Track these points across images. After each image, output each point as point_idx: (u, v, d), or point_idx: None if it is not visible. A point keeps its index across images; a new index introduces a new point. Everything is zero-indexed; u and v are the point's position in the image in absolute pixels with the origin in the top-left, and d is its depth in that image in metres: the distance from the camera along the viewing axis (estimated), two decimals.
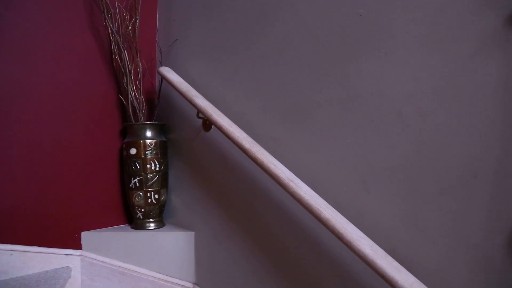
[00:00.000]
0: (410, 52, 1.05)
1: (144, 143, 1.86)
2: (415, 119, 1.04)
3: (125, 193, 1.97)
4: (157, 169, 1.88)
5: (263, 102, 1.47)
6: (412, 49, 1.05)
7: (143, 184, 1.87)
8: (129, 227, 1.97)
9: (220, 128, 1.48)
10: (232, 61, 1.64)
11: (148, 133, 1.90)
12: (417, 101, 1.04)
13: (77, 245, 1.80)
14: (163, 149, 1.93)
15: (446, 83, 0.99)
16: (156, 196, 1.89)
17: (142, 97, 1.90)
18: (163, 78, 1.84)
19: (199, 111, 1.61)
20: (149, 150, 1.86)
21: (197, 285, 1.80)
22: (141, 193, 1.87)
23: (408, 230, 1.06)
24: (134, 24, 1.89)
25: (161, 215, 1.97)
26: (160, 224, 1.96)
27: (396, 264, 0.96)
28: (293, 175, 1.24)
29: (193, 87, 1.71)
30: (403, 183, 1.07)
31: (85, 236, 1.83)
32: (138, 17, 1.88)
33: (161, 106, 2.05)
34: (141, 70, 1.88)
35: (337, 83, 1.22)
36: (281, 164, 1.28)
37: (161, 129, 1.97)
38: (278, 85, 1.42)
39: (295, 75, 1.35)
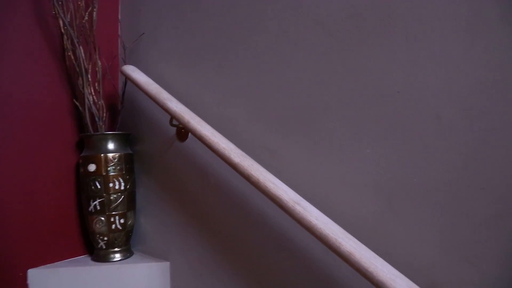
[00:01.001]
0: (448, 38, 0.82)
1: (106, 157, 1.55)
2: (458, 123, 0.81)
3: (84, 218, 1.64)
4: (122, 188, 1.57)
5: (254, 105, 1.20)
6: (451, 34, 0.81)
7: (105, 207, 1.55)
8: (89, 259, 1.64)
9: (201, 138, 1.20)
10: (213, 56, 1.36)
11: (110, 145, 1.58)
12: (461, 100, 0.81)
13: (22, 287, 1.45)
14: (129, 164, 1.62)
15: (499, 76, 0.76)
16: (122, 220, 1.58)
17: (102, 102, 1.59)
18: (127, 78, 1.54)
19: (173, 117, 1.32)
20: (111, 165, 1.55)
21: None
22: (103, 218, 1.55)
23: (453, 264, 0.82)
24: (91, 14, 1.57)
25: (128, 242, 1.65)
26: (128, 253, 1.64)
27: None
28: (298, 196, 0.98)
29: (166, 89, 1.42)
30: (443, 204, 0.83)
31: (33, 274, 1.48)
32: (96, 6, 1.57)
33: (126, 113, 1.74)
34: (100, 69, 1.57)
35: (350, 78, 0.98)
36: (282, 183, 1.02)
37: (126, 140, 1.66)
38: (273, 83, 1.15)
39: (294, 70, 1.09)
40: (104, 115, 1.61)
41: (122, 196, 1.57)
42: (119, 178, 1.56)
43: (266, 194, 1.01)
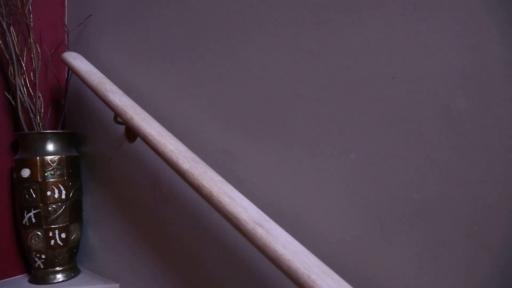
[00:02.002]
0: (461, 3, 0.60)
1: (42, 160, 1.29)
2: (475, 119, 0.59)
3: (19, 232, 1.38)
4: (64, 196, 1.32)
5: (212, 98, 0.97)
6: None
7: (42, 220, 1.30)
8: (26, 280, 1.39)
9: (144, 138, 0.96)
10: (166, 41, 1.12)
11: (50, 146, 1.33)
12: (479, 88, 0.59)
13: None
14: (73, 168, 1.37)
15: None
16: (63, 235, 1.33)
17: (40, 95, 1.33)
18: (68, 67, 1.29)
19: (115, 113, 1.07)
20: (50, 170, 1.30)
21: None
22: (39, 233, 1.31)
23: None
24: None
25: (72, 259, 1.41)
26: (72, 273, 1.40)
27: None
28: (262, 214, 0.75)
29: (115, 81, 1.18)
30: (456, 230, 0.61)
31: None
32: None
33: (74, 109, 1.48)
34: (35, 56, 1.31)
35: (330, 61, 0.75)
36: (242, 196, 0.79)
37: (70, 140, 1.41)
38: (233, 70, 0.92)
39: (259, 53, 0.86)
40: (43, 110, 1.35)
41: (63, 207, 1.32)
42: (59, 185, 1.31)
43: (220, 212, 0.78)
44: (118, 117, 1.07)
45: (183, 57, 1.06)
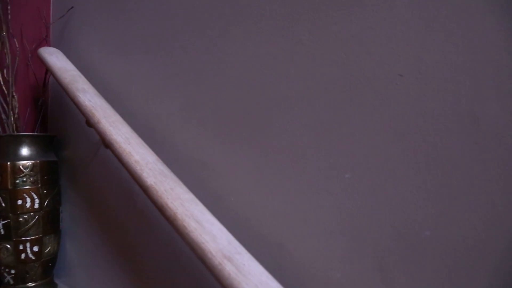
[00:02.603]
0: None
1: (14, 166, 1.18)
2: (509, 132, 0.43)
3: None
4: (37, 206, 1.20)
5: (189, 98, 0.83)
6: None
7: (11, 231, 1.18)
8: None
9: (110, 146, 0.83)
10: (145, 34, 0.99)
11: (24, 151, 1.21)
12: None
13: None
14: (49, 175, 1.25)
15: None
16: (36, 248, 1.21)
17: (14, 95, 1.21)
18: (43, 64, 1.17)
19: (84, 116, 0.94)
20: (21, 177, 1.18)
21: None
22: (8, 246, 1.18)
23: None
24: None
25: (47, 274, 1.28)
26: None
27: None
28: (236, 244, 0.61)
29: (93, 79, 1.05)
30: (479, 276, 0.46)
31: None
32: None
33: (54, 110, 1.37)
34: (8, 51, 1.19)
35: (321, 56, 0.60)
36: (214, 220, 0.64)
37: (48, 144, 1.29)
38: (213, 66, 0.77)
39: (240, 48, 0.72)
40: (17, 111, 1.23)
41: (36, 217, 1.20)
42: (32, 194, 1.19)
43: (183, 239, 0.63)
44: (87, 120, 0.94)
45: (161, 53, 0.92)
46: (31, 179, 1.20)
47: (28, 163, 1.19)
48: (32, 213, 1.19)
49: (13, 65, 1.23)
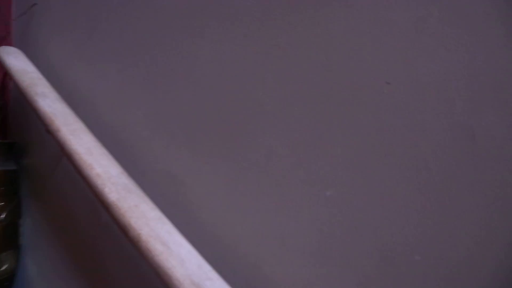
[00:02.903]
0: None
1: None
2: (508, 146, 0.39)
3: None
4: None
5: (158, 104, 0.76)
6: None
7: None
8: None
9: (70, 157, 0.75)
10: (112, 33, 0.92)
11: None
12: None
13: None
14: (6, 185, 1.15)
15: None
16: None
17: None
18: (1, 64, 1.07)
19: (43, 123, 0.86)
20: None
21: None
22: None
23: None
24: None
25: None
26: None
27: None
28: (206, 268, 0.54)
29: (57, 82, 0.97)
30: None
31: None
32: None
33: (14, 114, 1.27)
34: None
35: (302, 59, 0.54)
36: (183, 240, 0.58)
37: (7, 152, 1.19)
38: (183, 71, 0.71)
39: (212, 52, 0.65)
40: None
41: None
42: None
43: (148, 263, 0.56)
44: (46, 127, 0.86)
45: (128, 56, 0.85)
46: None
47: None
48: None
49: None
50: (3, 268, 1.13)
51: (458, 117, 0.42)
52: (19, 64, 1.03)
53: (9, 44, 1.31)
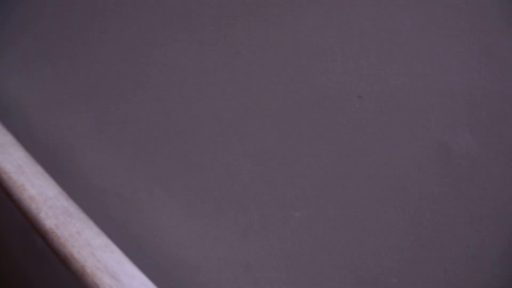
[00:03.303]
0: None
1: None
2: (485, 165, 0.38)
3: None
4: None
5: (102, 115, 0.68)
6: None
7: None
8: None
9: None
10: (50, 35, 0.82)
11: None
12: (492, 119, 0.37)
13: None
14: None
15: None
16: None
17: None
18: None
19: None
20: None
21: None
22: None
23: None
24: None
25: None
26: None
27: None
28: None
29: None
30: None
31: None
32: None
33: None
34: None
35: (265, 70, 0.50)
36: (135, 270, 0.52)
37: None
38: (130, 78, 0.64)
39: (164, 59, 0.59)
40: None
41: None
42: None
43: None
44: None
45: (67, 59, 0.76)
46: None
47: None
48: None
49: None
50: None
51: (433, 134, 0.40)
52: None
53: None
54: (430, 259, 0.41)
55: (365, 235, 0.44)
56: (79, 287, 0.61)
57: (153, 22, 0.62)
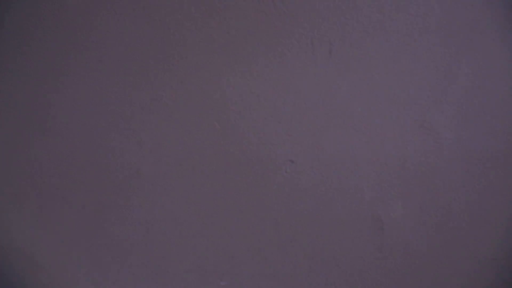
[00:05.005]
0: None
1: None
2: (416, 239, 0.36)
3: None
4: None
5: (7, 156, 0.57)
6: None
7: None
8: None
9: None
10: None
11: None
12: (423, 190, 0.36)
13: None
14: None
15: None
16: None
17: None
18: None
19: None
20: None
21: None
22: None
23: None
24: None
25: None
26: None
27: None
28: None
29: None
30: None
31: None
32: None
33: None
34: None
35: (189, 122, 0.45)
36: None
37: None
38: (39, 119, 0.54)
39: (78, 106, 0.51)
40: None
41: None
42: None
43: None
44: None
45: None
46: None
47: None
48: None
49: None
50: None
51: (366, 206, 0.38)
52: None
53: None
54: None
55: None
56: None
57: (61, 63, 0.53)
